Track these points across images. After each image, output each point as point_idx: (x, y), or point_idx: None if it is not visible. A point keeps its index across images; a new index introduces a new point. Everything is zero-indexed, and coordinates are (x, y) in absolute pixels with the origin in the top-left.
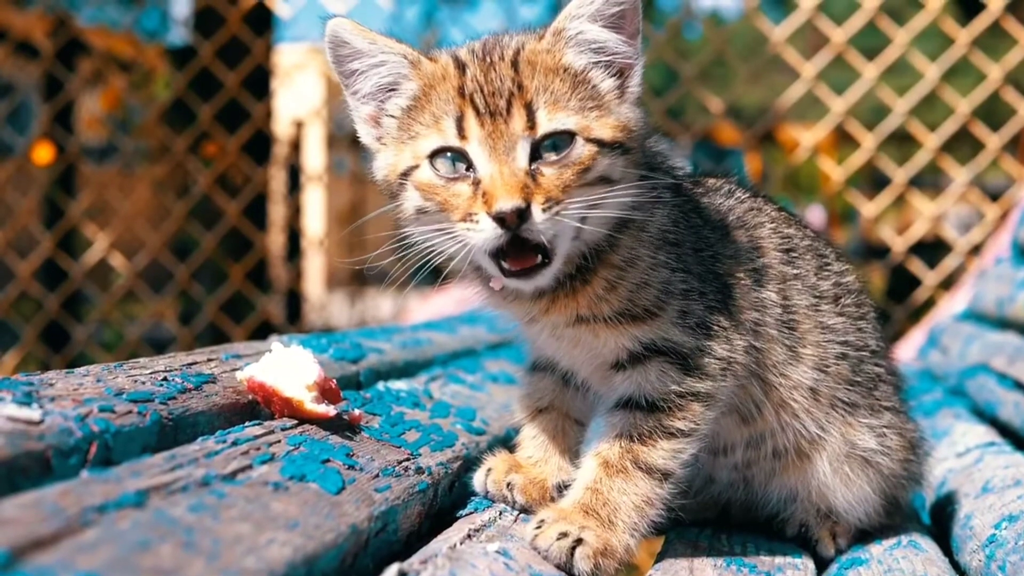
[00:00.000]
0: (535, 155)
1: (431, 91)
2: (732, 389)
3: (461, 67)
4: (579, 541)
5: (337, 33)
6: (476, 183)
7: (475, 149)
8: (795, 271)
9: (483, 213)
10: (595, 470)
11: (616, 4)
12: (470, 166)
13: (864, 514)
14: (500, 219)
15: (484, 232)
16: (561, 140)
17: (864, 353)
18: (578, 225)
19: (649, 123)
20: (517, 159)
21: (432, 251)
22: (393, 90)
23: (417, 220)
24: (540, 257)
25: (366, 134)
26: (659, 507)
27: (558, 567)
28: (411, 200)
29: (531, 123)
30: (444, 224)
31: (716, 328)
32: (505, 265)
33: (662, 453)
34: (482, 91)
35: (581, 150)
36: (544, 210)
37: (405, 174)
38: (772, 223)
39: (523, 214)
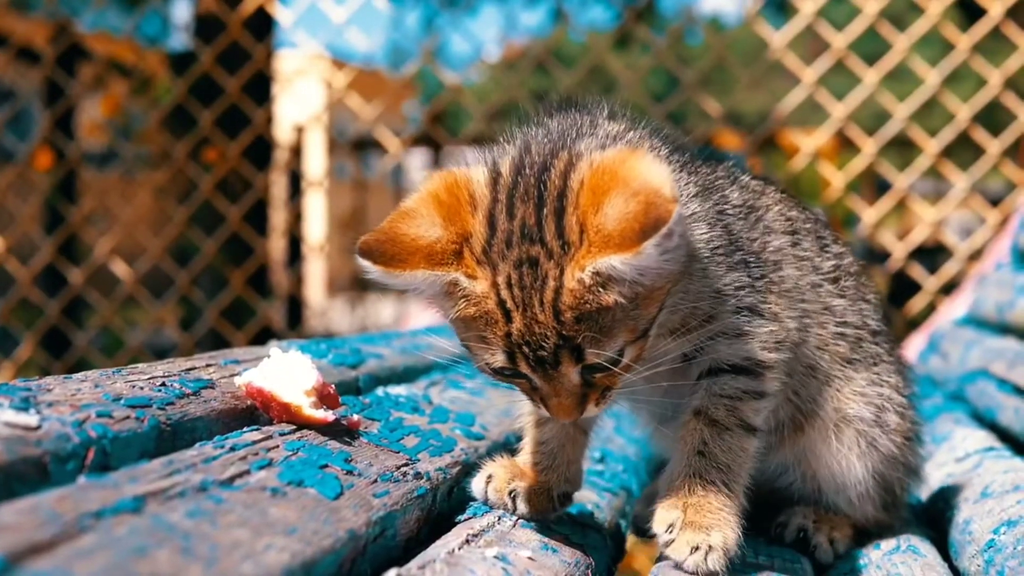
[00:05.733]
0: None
1: (474, 314)
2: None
3: (504, 308)
4: (710, 548)
5: (364, 267)
6: (535, 388)
7: (528, 375)
8: (800, 252)
9: (543, 408)
10: (702, 430)
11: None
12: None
13: (856, 496)
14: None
15: (544, 412)
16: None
17: (863, 332)
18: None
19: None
20: (571, 379)
21: None
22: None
23: None
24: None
25: None
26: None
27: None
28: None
29: (579, 359)
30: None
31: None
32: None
33: (754, 409)
34: (528, 345)
35: (632, 353)
36: (597, 404)
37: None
38: (777, 205)
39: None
